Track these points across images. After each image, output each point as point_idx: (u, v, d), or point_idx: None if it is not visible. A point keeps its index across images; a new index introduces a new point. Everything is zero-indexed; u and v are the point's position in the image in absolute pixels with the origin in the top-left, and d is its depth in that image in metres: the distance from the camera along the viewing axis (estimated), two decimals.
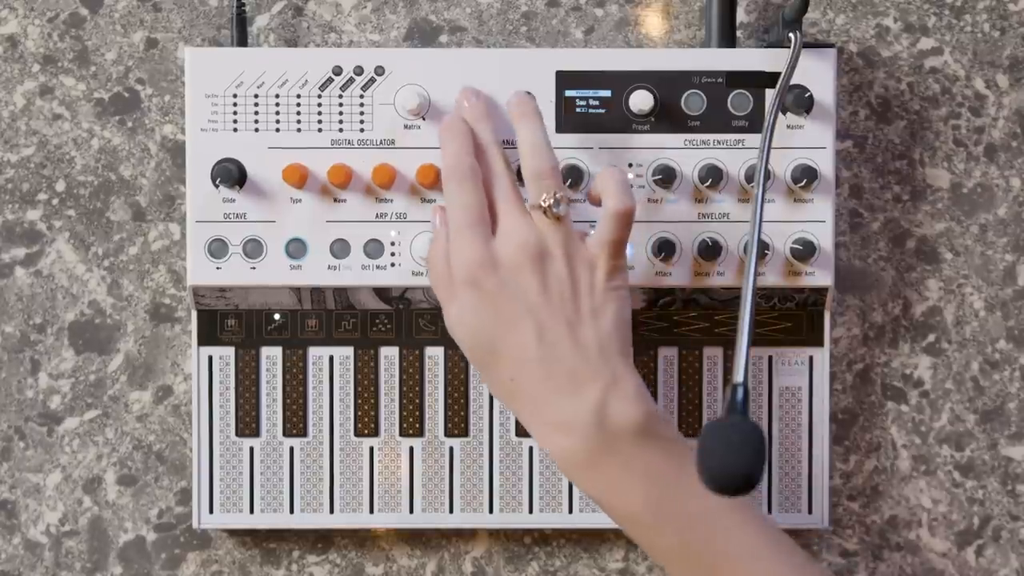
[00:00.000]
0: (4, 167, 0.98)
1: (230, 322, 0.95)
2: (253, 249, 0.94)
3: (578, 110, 0.94)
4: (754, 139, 0.94)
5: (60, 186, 0.98)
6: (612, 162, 0.94)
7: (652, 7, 0.98)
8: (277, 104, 0.94)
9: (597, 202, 0.90)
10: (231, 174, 0.93)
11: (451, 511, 0.96)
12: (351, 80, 0.94)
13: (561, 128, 0.94)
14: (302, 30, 0.98)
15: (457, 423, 0.96)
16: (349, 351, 0.96)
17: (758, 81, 0.94)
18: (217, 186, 0.93)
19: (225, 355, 0.96)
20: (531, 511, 0.96)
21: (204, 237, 0.94)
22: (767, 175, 0.90)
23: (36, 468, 0.98)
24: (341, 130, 0.94)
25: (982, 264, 0.99)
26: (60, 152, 0.98)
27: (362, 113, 0.94)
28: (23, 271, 0.98)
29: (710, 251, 0.94)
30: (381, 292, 0.95)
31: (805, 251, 0.94)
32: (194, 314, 0.95)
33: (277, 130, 0.94)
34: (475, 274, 0.87)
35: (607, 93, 0.94)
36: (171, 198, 0.98)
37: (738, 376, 0.81)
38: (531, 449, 0.96)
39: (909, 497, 0.99)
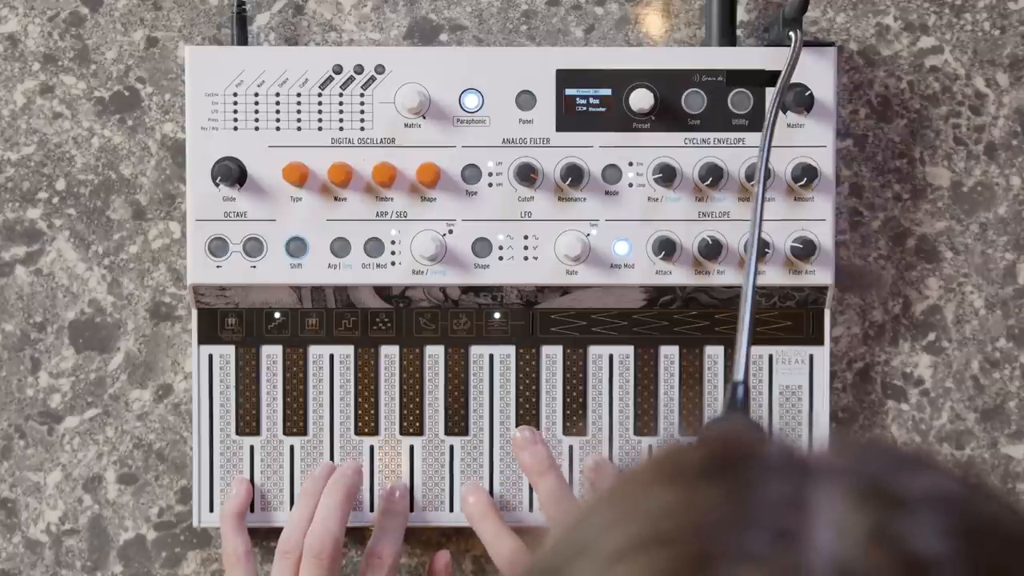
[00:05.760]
0: (4, 166, 0.98)
1: (230, 321, 0.95)
2: (253, 248, 0.94)
3: (578, 109, 0.94)
4: (754, 138, 0.94)
5: (60, 185, 0.98)
6: (613, 160, 0.94)
7: (652, 6, 0.98)
8: (277, 103, 0.94)
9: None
10: (231, 173, 0.93)
11: (451, 509, 0.96)
12: (351, 79, 0.94)
13: (561, 127, 0.94)
14: (302, 29, 0.98)
15: (457, 421, 0.96)
16: (349, 350, 0.96)
17: (758, 80, 0.94)
18: (217, 185, 0.93)
19: (225, 354, 0.96)
20: (531, 509, 0.96)
21: (204, 236, 0.94)
22: (767, 174, 0.90)
23: (36, 467, 0.98)
24: (341, 129, 0.94)
25: (982, 263, 0.99)
26: (60, 151, 0.98)
27: (362, 112, 0.94)
28: (23, 270, 0.98)
29: (710, 250, 0.94)
30: (381, 291, 0.95)
31: (805, 250, 0.93)
32: (194, 313, 0.95)
33: (277, 129, 0.94)
34: None
35: (607, 92, 0.94)
36: (171, 197, 0.98)
37: (738, 374, 0.81)
38: None
39: None
